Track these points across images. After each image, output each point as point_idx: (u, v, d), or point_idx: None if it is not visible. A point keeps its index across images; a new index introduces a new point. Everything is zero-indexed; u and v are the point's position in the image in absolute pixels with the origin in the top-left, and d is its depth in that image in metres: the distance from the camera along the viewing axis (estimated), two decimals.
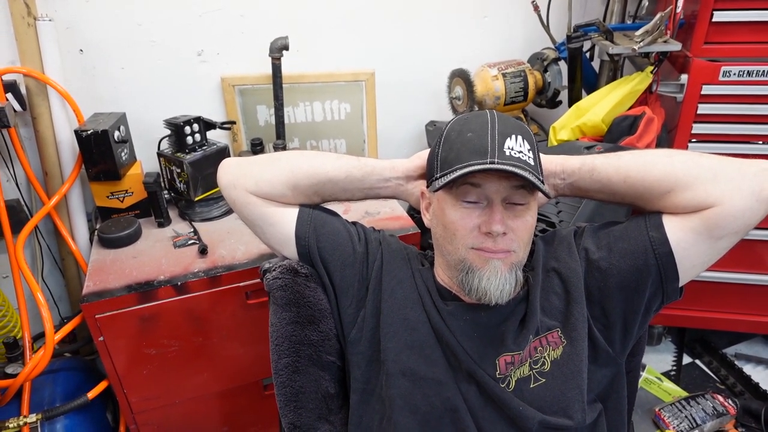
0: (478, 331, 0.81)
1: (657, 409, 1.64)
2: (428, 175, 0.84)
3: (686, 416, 1.61)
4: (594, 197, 0.86)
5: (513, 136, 0.75)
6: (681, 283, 0.79)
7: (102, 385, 1.31)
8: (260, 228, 0.89)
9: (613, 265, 0.80)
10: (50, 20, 1.29)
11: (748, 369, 1.84)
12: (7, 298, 1.42)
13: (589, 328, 0.81)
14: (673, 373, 1.87)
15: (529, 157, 0.75)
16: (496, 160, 0.72)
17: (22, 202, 1.45)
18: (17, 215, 1.42)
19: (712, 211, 0.72)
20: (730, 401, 1.63)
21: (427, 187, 0.85)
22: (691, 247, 0.75)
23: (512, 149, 0.74)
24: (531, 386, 0.78)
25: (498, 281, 0.76)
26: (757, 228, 1.50)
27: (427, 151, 0.88)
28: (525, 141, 0.76)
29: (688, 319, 1.83)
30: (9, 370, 1.26)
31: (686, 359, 1.93)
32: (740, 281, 1.70)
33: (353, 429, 0.87)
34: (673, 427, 1.58)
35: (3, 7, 1.26)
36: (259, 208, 0.87)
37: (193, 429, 1.43)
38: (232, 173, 0.88)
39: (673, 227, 0.76)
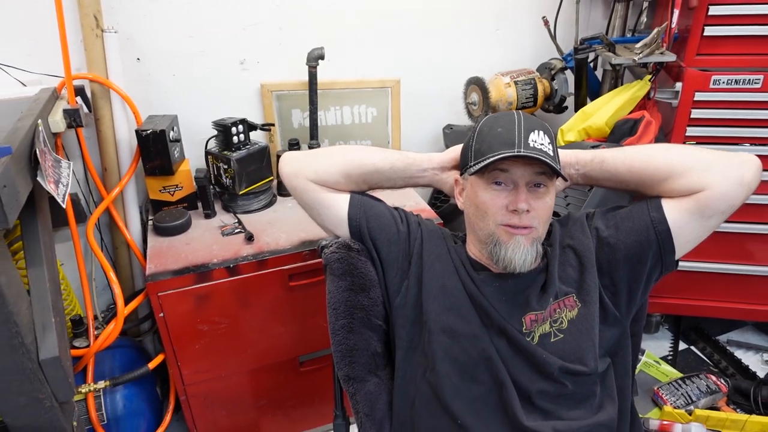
0: (506, 295, 0.96)
1: (656, 388, 1.79)
2: (462, 164, 0.99)
3: (682, 394, 1.76)
4: (603, 185, 1.02)
5: (536, 131, 0.90)
6: (677, 256, 0.95)
7: (159, 358, 1.45)
8: (317, 211, 1.05)
9: (620, 240, 0.95)
10: (115, 32, 1.45)
11: (739, 354, 2.00)
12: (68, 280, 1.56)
13: (599, 295, 0.96)
14: (670, 357, 2.02)
15: (549, 148, 0.90)
16: (522, 150, 0.87)
17: (80, 196, 1.60)
18: (76, 207, 1.57)
19: (703, 194, 0.88)
20: (721, 380, 1.78)
21: (461, 174, 1.01)
22: (686, 225, 0.91)
23: (535, 141, 0.89)
24: (552, 340, 0.93)
25: (521, 252, 0.91)
26: (747, 222, 1.67)
27: (459, 146, 1.04)
28: (546, 135, 0.91)
29: (684, 307, 1.97)
30: (77, 343, 1.40)
31: (682, 345, 2.08)
32: (731, 271, 1.85)
33: (399, 381, 1.01)
34: (671, 404, 1.73)
35: (75, 21, 1.42)
36: (317, 193, 1.03)
37: (236, 401, 1.57)
38: (295, 164, 1.04)
39: (671, 208, 0.91)
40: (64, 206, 1.11)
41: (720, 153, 0.90)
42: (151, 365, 1.43)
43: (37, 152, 1.06)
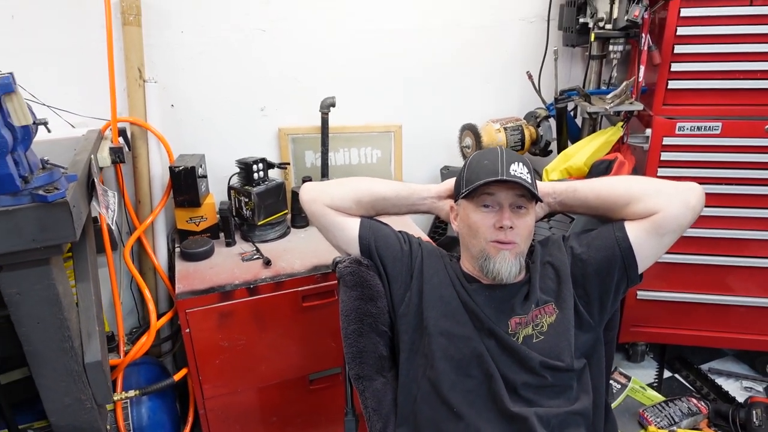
0: (495, 302, 1.12)
1: (641, 411, 1.91)
2: (456, 191, 1.18)
3: (665, 415, 1.88)
4: (576, 211, 1.21)
5: (516, 163, 1.09)
6: (640, 270, 1.12)
7: (183, 371, 1.59)
8: (332, 233, 1.23)
9: (590, 257, 1.13)
10: (155, 82, 1.67)
11: (720, 381, 2.12)
12: None
13: (575, 303, 1.12)
14: (655, 384, 2.14)
15: (527, 176, 1.09)
16: (505, 176, 1.06)
17: (113, 226, 1.78)
18: (110, 235, 1.74)
19: (657, 216, 1.06)
20: (702, 403, 1.91)
21: (455, 201, 1.19)
22: (645, 243, 1.09)
23: (516, 171, 1.08)
24: (534, 341, 1.09)
25: (507, 265, 1.09)
26: (727, 255, 1.83)
27: (453, 178, 1.23)
28: (524, 167, 1.10)
29: (668, 336, 2.11)
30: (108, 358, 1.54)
31: (667, 374, 2.20)
32: (713, 302, 1.99)
33: (403, 379, 1.16)
34: (655, 424, 1.84)
35: (121, 72, 1.64)
36: (332, 217, 1.21)
37: (249, 417, 1.69)
38: (313, 192, 1.22)
39: (632, 229, 1.09)
40: (113, 228, 1.29)
41: (669, 182, 1.10)
42: (177, 377, 1.56)
43: (95, 181, 1.25)
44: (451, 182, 1.24)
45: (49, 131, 1.14)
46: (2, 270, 1.08)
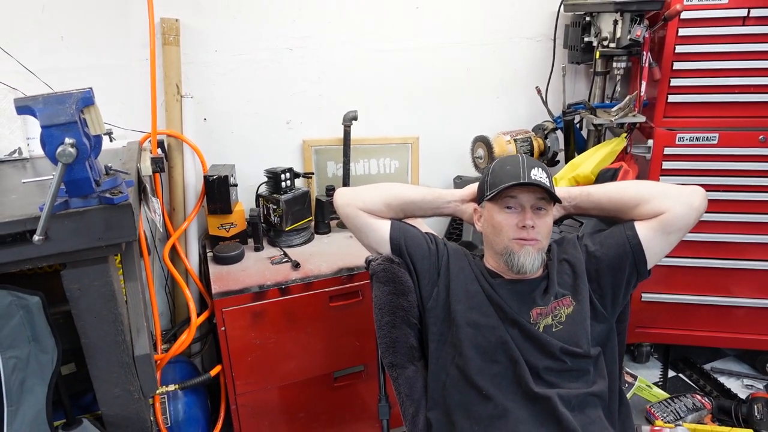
0: (517, 295, 1.23)
1: (647, 407, 2.00)
2: (479, 195, 1.29)
3: (671, 411, 1.97)
4: (590, 213, 1.32)
5: (536, 168, 1.20)
6: (649, 266, 1.23)
7: (218, 368, 1.68)
8: (365, 233, 1.33)
9: (604, 254, 1.24)
10: (191, 97, 1.79)
11: (722, 379, 2.21)
12: None
13: (590, 296, 1.23)
14: (660, 384, 2.24)
15: (546, 180, 1.20)
16: (526, 180, 1.17)
17: (147, 232, 1.88)
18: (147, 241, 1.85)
19: (664, 216, 1.18)
20: (706, 399, 2.00)
21: (479, 203, 1.30)
22: (653, 240, 1.20)
23: (536, 175, 1.19)
24: (553, 330, 1.19)
25: (531, 258, 1.19)
26: (729, 259, 1.93)
27: (476, 184, 1.34)
28: (544, 172, 1.21)
29: (672, 336, 2.21)
30: None
31: (671, 373, 2.30)
32: (715, 303, 2.09)
33: (432, 367, 1.26)
34: (661, 419, 1.94)
35: (160, 88, 1.75)
36: (364, 219, 1.32)
37: (277, 413, 1.77)
38: (347, 197, 1.34)
39: (641, 228, 1.21)
40: (161, 229, 1.39)
41: (675, 185, 1.22)
42: (213, 372, 1.65)
43: (147, 187, 1.36)
44: (473, 187, 1.35)
45: (111, 141, 1.25)
46: (66, 267, 1.18)
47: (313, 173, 2.02)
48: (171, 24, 1.71)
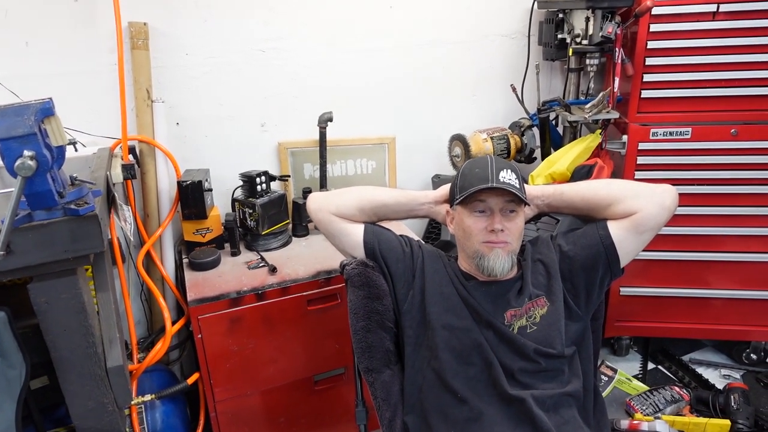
0: (491, 296, 1.23)
1: (627, 400, 2.02)
2: (451, 198, 1.29)
3: (650, 403, 1.99)
4: (563, 212, 1.33)
5: (505, 170, 1.20)
6: (622, 265, 1.23)
7: (195, 376, 1.66)
8: (338, 238, 1.32)
9: (577, 253, 1.24)
10: (163, 102, 1.76)
11: (701, 370, 2.25)
12: None
13: (564, 296, 1.23)
14: (639, 376, 2.26)
15: (516, 182, 1.19)
16: (494, 184, 1.16)
17: (122, 240, 1.85)
18: (120, 249, 1.82)
19: (636, 216, 1.18)
20: (684, 390, 2.03)
21: (450, 206, 1.30)
22: (626, 240, 1.20)
23: (505, 178, 1.18)
24: (528, 331, 1.19)
25: (501, 261, 1.19)
26: (704, 251, 1.95)
27: (449, 185, 1.34)
28: (513, 173, 1.21)
29: (651, 329, 2.23)
30: None
31: (650, 365, 2.33)
32: (692, 295, 2.12)
33: (408, 371, 1.26)
34: (641, 412, 1.96)
35: (129, 93, 1.72)
36: (337, 224, 1.31)
37: (258, 419, 1.76)
38: (319, 201, 1.33)
39: (614, 228, 1.21)
40: (131, 238, 1.37)
41: (647, 184, 1.22)
42: (190, 381, 1.63)
43: (115, 196, 1.34)
44: (446, 188, 1.34)
45: (75, 150, 1.23)
46: (33, 280, 1.16)
47: (289, 176, 2.01)
48: (139, 28, 1.68)
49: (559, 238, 1.30)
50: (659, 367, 2.32)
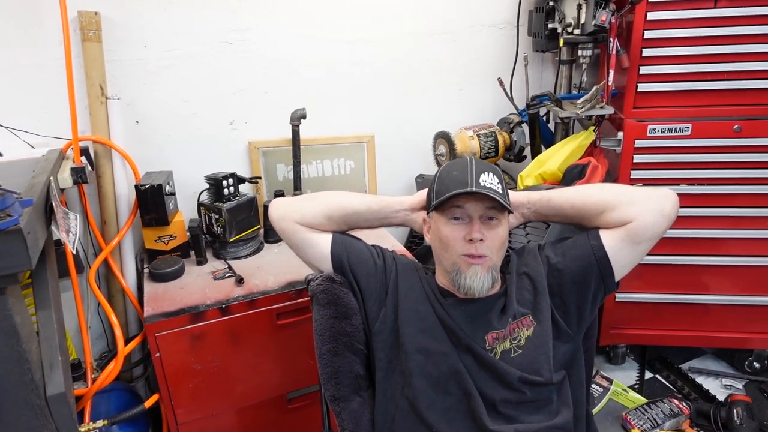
0: (471, 317, 1.10)
1: (624, 414, 1.90)
2: (427, 204, 1.15)
3: (648, 418, 1.87)
4: (552, 220, 1.19)
5: (486, 173, 1.07)
6: (617, 279, 1.10)
7: (154, 397, 1.53)
8: (303, 249, 1.19)
9: (567, 266, 1.11)
10: (118, 99, 1.62)
11: (701, 380, 2.13)
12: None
13: (552, 314, 1.10)
14: (636, 386, 2.14)
15: (498, 187, 1.06)
16: (473, 188, 1.03)
17: (79, 248, 1.72)
18: (75, 258, 1.67)
19: (631, 225, 1.05)
20: (683, 403, 1.91)
21: (427, 213, 1.17)
22: (620, 251, 1.07)
23: (486, 181, 1.05)
24: (512, 355, 1.06)
25: (479, 279, 1.06)
26: (703, 255, 1.84)
27: (426, 190, 1.20)
28: (495, 176, 1.07)
29: (648, 337, 2.12)
30: (75, 386, 1.48)
31: (648, 375, 2.21)
32: (690, 301, 2.00)
33: (380, 398, 1.13)
34: (638, 427, 1.84)
35: (81, 89, 1.58)
36: (303, 234, 1.17)
37: None
38: (282, 209, 1.19)
39: (607, 237, 1.08)
40: (74, 252, 1.23)
41: (644, 189, 1.08)
42: (147, 404, 1.50)
43: (54, 205, 1.20)
44: (423, 193, 1.21)
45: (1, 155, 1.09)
46: None
47: (260, 177, 1.87)
48: (90, 18, 1.53)
49: (547, 249, 1.16)
50: (657, 376, 2.20)
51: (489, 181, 1.05)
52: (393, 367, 1.13)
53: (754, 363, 2.11)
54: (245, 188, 1.83)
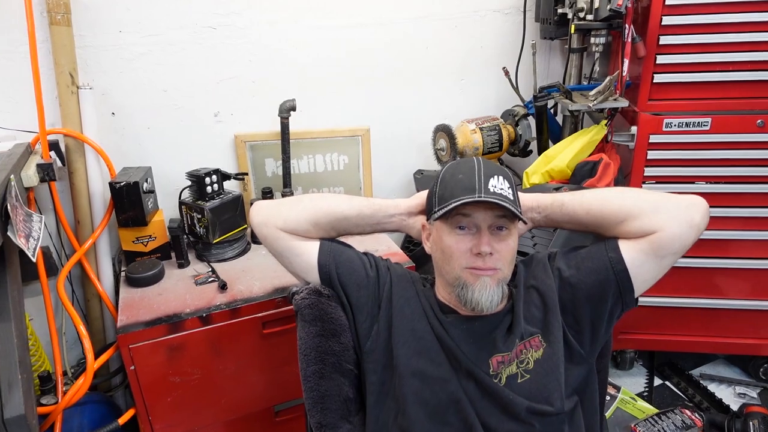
0: (474, 337, 0.98)
1: (633, 425, 1.80)
2: (428, 209, 1.03)
3: (658, 430, 1.77)
4: (564, 227, 1.07)
5: (496, 177, 0.95)
6: (636, 294, 0.98)
7: (130, 413, 1.42)
8: (287, 258, 1.07)
9: (581, 280, 0.99)
10: (90, 88, 1.49)
11: (712, 387, 2.03)
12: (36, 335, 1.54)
13: (564, 334, 0.99)
14: (645, 393, 2.04)
15: (509, 193, 0.94)
16: (482, 195, 0.91)
17: (52, 249, 1.60)
18: (47, 261, 1.56)
19: (656, 236, 0.93)
20: (696, 414, 1.80)
21: (427, 220, 1.04)
22: (642, 265, 0.95)
23: (495, 187, 0.93)
24: (519, 381, 0.95)
25: (488, 293, 0.94)
26: (715, 257, 1.73)
27: (425, 192, 1.08)
28: (505, 180, 0.96)
29: (657, 342, 2.01)
30: (44, 401, 1.37)
31: (657, 381, 2.10)
32: (701, 306, 1.89)
33: (371, 426, 1.02)
34: None
35: (50, 78, 1.45)
36: (286, 241, 1.05)
37: None
38: (264, 213, 1.07)
39: (627, 249, 0.96)
40: (34, 260, 1.11)
41: (670, 196, 0.96)
42: (121, 420, 1.39)
43: (8, 207, 1.08)
44: (422, 196, 1.09)
45: None
46: None
47: (246, 174, 1.74)
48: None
49: (559, 260, 1.04)
50: (667, 383, 2.09)
51: (499, 186, 0.93)
52: (386, 391, 1.01)
53: None
54: (231, 185, 1.71)
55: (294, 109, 1.66)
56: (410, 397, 0.96)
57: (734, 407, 1.91)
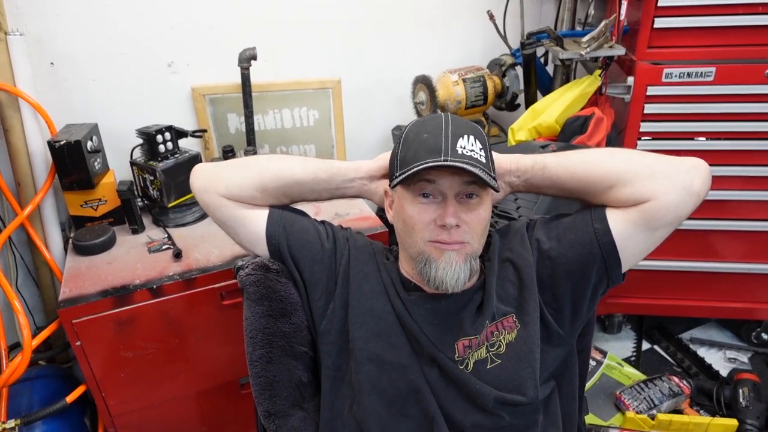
0: (438, 318, 0.87)
1: (618, 393, 1.73)
2: (390, 174, 0.90)
3: (644, 398, 1.71)
4: (546, 193, 0.93)
5: (466, 136, 0.81)
6: (623, 270, 0.86)
7: (79, 390, 1.33)
8: (232, 229, 0.94)
9: (562, 254, 0.87)
10: (21, 35, 1.32)
11: (702, 352, 1.96)
12: None
13: (541, 312, 0.87)
14: (633, 358, 1.97)
15: (480, 155, 0.81)
16: (449, 158, 0.78)
17: None
18: None
19: (649, 205, 0.80)
20: (684, 382, 1.74)
21: (390, 185, 0.92)
22: (631, 238, 0.83)
23: (464, 148, 0.80)
24: (488, 367, 0.85)
25: (454, 270, 0.82)
26: (709, 219, 1.61)
27: (388, 153, 0.94)
28: (477, 140, 0.82)
29: (647, 306, 1.93)
30: None
31: (645, 345, 2.03)
32: (694, 269, 1.80)
33: (325, 414, 0.92)
34: (633, 409, 1.67)
35: None
36: (230, 210, 0.92)
37: (173, 431, 1.46)
38: (204, 178, 0.93)
39: (615, 219, 0.83)
40: None
41: (667, 158, 0.82)
42: (69, 399, 1.30)
43: None
44: (386, 157, 0.95)
45: None
46: None
47: (205, 130, 1.60)
48: None
49: (538, 230, 0.92)
50: (655, 347, 2.02)
51: (469, 147, 0.79)
52: (341, 377, 0.91)
53: (762, 335, 1.93)
54: (190, 143, 1.57)
55: (255, 57, 1.50)
56: (366, 386, 0.85)
57: (724, 373, 1.85)
